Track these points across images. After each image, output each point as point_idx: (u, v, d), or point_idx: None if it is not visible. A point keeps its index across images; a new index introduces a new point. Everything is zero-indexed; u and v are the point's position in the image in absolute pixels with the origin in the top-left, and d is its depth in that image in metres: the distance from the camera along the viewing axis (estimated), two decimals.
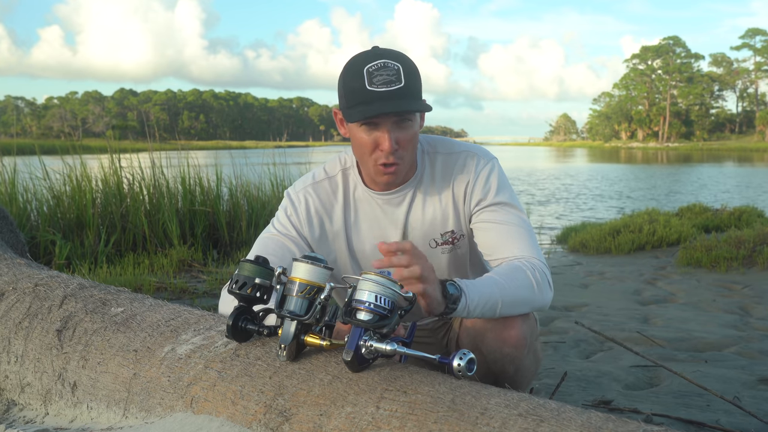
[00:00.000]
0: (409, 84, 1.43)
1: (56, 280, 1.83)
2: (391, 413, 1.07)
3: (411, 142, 1.50)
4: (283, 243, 1.61)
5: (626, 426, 0.97)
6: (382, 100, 1.41)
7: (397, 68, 1.42)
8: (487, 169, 1.60)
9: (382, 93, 1.41)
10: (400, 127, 1.47)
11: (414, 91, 1.44)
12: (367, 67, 1.42)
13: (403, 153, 1.50)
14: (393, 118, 1.45)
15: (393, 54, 1.45)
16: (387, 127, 1.45)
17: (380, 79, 1.41)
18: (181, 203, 5.77)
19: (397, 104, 1.41)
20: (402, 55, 1.47)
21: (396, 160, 1.50)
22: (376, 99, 1.41)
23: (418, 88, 1.46)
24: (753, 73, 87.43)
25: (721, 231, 6.66)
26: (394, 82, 1.41)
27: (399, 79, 1.41)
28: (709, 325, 3.51)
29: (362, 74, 1.42)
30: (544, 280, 1.50)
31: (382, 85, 1.41)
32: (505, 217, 1.57)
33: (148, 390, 1.36)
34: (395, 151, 1.48)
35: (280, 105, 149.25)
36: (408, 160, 1.54)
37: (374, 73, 1.41)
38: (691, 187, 18.01)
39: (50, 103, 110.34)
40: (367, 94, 1.42)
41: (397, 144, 1.47)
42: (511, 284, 1.45)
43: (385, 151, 1.47)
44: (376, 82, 1.41)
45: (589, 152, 66.06)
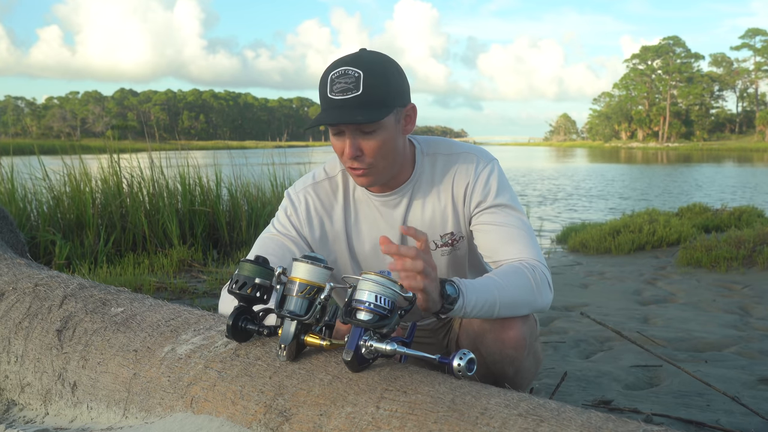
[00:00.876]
0: (369, 92, 1.40)
1: (56, 280, 1.83)
2: (391, 413, 1.07)
3: (378, 149, 1.47)
4: (283, 243, 1.61)
5: (626, 426, 0.97)
6: (335, 108, 1.42)
7: (357, 76, 1.40)
8: (487, 170, 1.59)
9: (336, 101, 1.41)
10: (364, 134, 1.45)
11: (373, 99, 1.41)
12: (331, 74, 1.43)
13: (370, 160, 1.48)
14: (352, 126, 1.44)
15: (361, 59, 1.43)
16: (349, 134, 1.45)
17: (338, 87, 1.41)
18: (180, 203, 5.78)
19: (342, 114, 1.41)
20: (373, 60, 1.44)
21: (361, 166, 1.49)
22: (331, 107, 1.42)
23: (380, 96, 1.42)
24: (753, 73, 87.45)
25: (721, 231, 6.66)
26: (350, 90, 1.40)
27: (356, 87, 1.40)
28: (709, 325, 3.51)
29: (326, 81, 1.43)
30: (544, 281, 1.49)
31: (338, 93, 1.41)
32: (505, 219, 1.56)
33: (148, 390, 1.36)
34: (357, 158, 1.47)
35: (280, 105, 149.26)
36: (381, 167, 1.51)
37: (335, 81, 1.41)
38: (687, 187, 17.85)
39: (50, 103, 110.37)
40: (326, 102, 1.43)
41: (360, 151, 1.46)
42: (510, 285, 1.44)
43: (345, 157, 1.48)
44: (334, 89, 1.41)
45: (588, 152, 66.04)
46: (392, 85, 1.45)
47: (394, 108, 1.46)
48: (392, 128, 1.49)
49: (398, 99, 1.47)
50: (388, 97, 1.44)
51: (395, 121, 1.49)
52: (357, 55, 1.45)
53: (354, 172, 1.52)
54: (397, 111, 1.49)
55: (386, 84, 1.43)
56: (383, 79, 1.43)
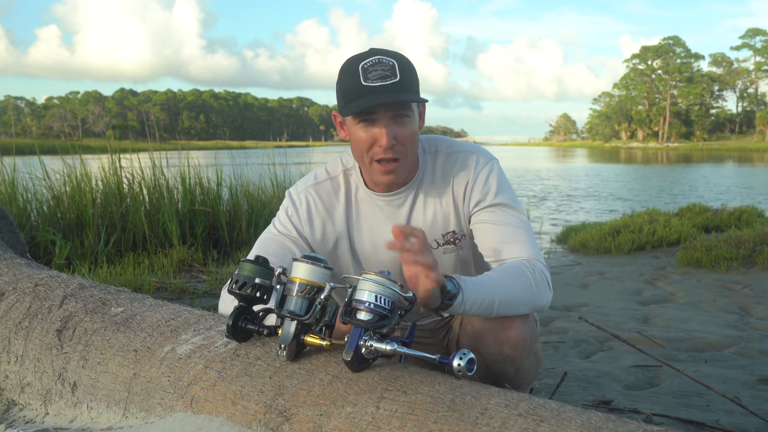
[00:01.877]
0: (405, 79, 1.43)
1: (56, 280, 1.83)
2: (391, 413, 1.07)
3: (410, 139, 1.49)
4: (283, 243, 1.61)
5: (626, 426, 0.97)
6: (377, 93, 1.42)
7: (392, 64, 1.43)
8: (487, 169, 1.60)
9: (377, 87, 1.41)
10: (398, 122, 1.46)
11: (410, 86, 1.45)
12: (362, 64, 1.43)
13: (402, 149, 1.49)
14: (389, 113, 1.45)
15: (388, 52, 1.47)
16: (384, 122, 1.45)
17: (375, 74, 1.42)
18: (181, 203, 5.78)
19: (392, 96, 1.42)
20: (398, 53, 1.48)
21: (395, 155, 1.49)
22: (371, 93, 1.42)
23: (415, 84, 1.47)
24: (753, 73, 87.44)
25: (721, 231, 6.66)
26: (389, 77, 1.42)
27: (394, 74, 1.42)
28: (709, 325, 3.51)
29: (357, 71, 1.43)
30: (543, 280, 1.49)
31: (377, 80, 1.42)
32: (504, 218, 1.56)
33: (148, 390, 1.36)
34: (393, 146, 1.47)
35: (280, 105, 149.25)
36: (409, 159, 1.53)
37: (369, 69, 1.42)
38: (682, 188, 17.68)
39: (50, 103, 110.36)
40: (362, 90, 1.42)
41: (395, 139, 1.47)
42: (509, 284, 1.44)
43: (383, 146, 1.47)
44: (371, 77, 1.42)
45: (588, 152, 65.99)
46: (416, 78, 1.49)
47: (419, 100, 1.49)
48: (417, 120, 1.53)
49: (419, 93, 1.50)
50: (417, 87, 1.48)
51: (418, 115, 1.54)
52: (379, 49, 1.48)
53: (385, 166, 1.50)
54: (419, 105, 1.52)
55: (415, 74, 1.48)
56: (413, 69, 1.48)
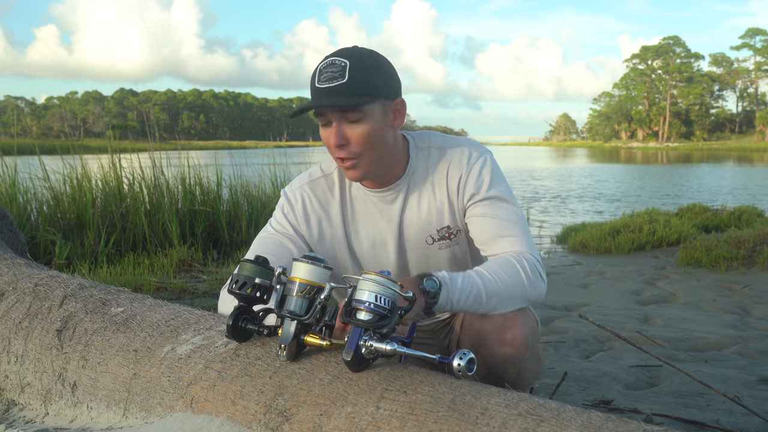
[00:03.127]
0: (354, 80, 1.43)
1: (56, 280, 1.83)
2: (391, 413, 1.07)
3: (363, 139, 1.48)
4: (281, 242, 1.61)
5: (626, 426, 0.97)
6: (320, 96, 1.45)
7: (344, 65, 1.43)
8: (480, 162, 1.60)
9: (321, 89, 1.44)
10: (349, 122, 1.47)
11: (357, 88, 1.43)
12: (319, 66, 1.47)
13: (357, 150, 1.49)
14: (337, 114, 1.46)
15: (350, 52, 1.47)
16: (335, 123, 1.48)
17: (325, 75, 1.44)
18: (181, 203, 5.78)
19: (331, 99, 1.44)
20: (362, 53, 1.47)
21: (347, 155, 1.50)
22: (317, 95, 1.45)
23: (365, 85, 1.44)
24: (753, 73, 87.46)
25: (721, 231, 6.66)
26: (336, 79, 1.43)
27: (342, 76, 1.43)
28: (709, 325, 3.51)
29: (315, 72, 1.47)
30: (535, 273, 1.49)
31: (324, 82, 1.44)
32: (498, 211, 1.56)
33: (148, 390, 1.36)
34: (342, 146, 1.49)
35: (280, 105, 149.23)
36: (368, 158, 1.52)
37: (322, 71, 1.45)
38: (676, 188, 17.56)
39: (50, 103, 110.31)
40: (313, 91, 1.47)
41: (345, 140, 1.48)
42: (498, 277, 1.45)
43: (330, 146, 1.50)
44: (321, 78, 1.45)
45: (587, 152, 65.95)
46: (379, 76, 1.47)
47: (380, 98, 1.47)
48: (379, 119, 1.50)
49: (385, 91, 1.49)
50: (373, 87, 1.46)
51: (383, 113, 1.50)
52: (347, 49, 1.49)
53: (342, 164, 1.53)
54: (385, 103, 1.50)
55: (372, 74, 1.46)
56: (369, 70, 1.46)
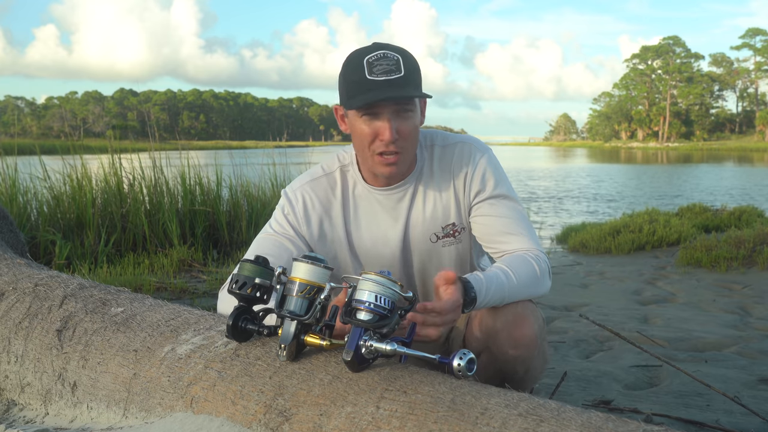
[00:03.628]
0: (409, 74, 1.44)
1: (56, 280, 1.83)
2: (391, 413, 1.07)
3: (412, 133, 1.51)
4: (280, 243, 1.61)
5: (626, 426, 0.97)
6: (381, 88, 1.43)
7: (397, 59, 1.44)
8: (484, 159, 1.62)
9: (382, 82, 1.42)
10: (401, 116, 1.48)
11: (414, 81, 1.46)
12: (366, 58, 1.44)
13: (404, 144, 1.50)
14: (393, 107, 1.46)
15: (393, 47, 1.48)
16: (387, 116, 1.46)
17: (380, 68, 1.43)
18: (181, 203, 5.78)
19: (397, 91, 1.43)
20: (402, 48, 1.49)
21: (397, 149, 1.50)
22: (375, 87, 1.43)
23: (418, 79, 1.48)
24: (753, 73, 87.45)
25: (721, 231, 6.66)
26: (393, 72, 1.43)
27: (399, 69, 1.43)
28: (709, 325, 3.51)
29: (362, 65, 1.44)
30: (545, 271, 1.56)
31: (382, 74, 1.43)
32: (504, 210, 1.60)
33: (148, 390, 1.36)
34: (395, 141, 1.48)
35: (280, 105, 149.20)
36: (409, 153, 1.55)
37: (374, 63, 1.43)
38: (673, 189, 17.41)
39: (50, 103, 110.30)
40: (367, 84, 1.43)
41: (398, 134, 1.48)
42: (520, 278, 1.50)
43: (385, 140, 1.48)
44: (376, 71, 1.43)
45: (587, 152, 65.90)
46: (420, 73, 1.50)
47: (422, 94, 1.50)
48: (419, 115, 1.54)
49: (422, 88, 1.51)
50: (420, 82, 1.49)
51: (420, 110, 1.55)
52: (383, 44, 1.48)
53: (386, 159, 1.51)
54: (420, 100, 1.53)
55: (418, 69, 1.49)
56: (417, 65, 1.49)
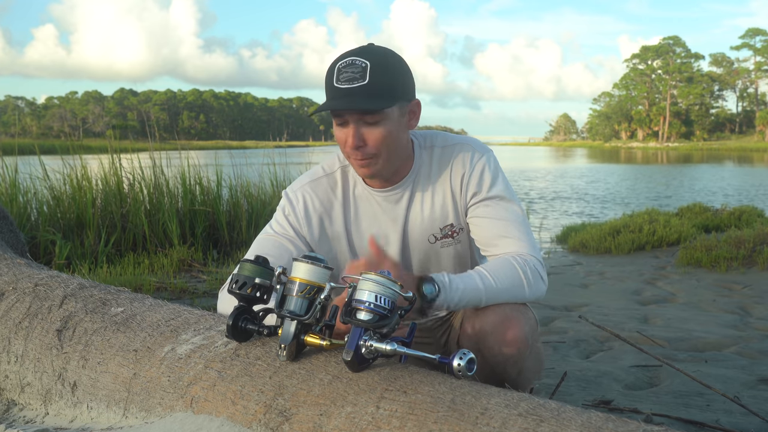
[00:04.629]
0: (374, 82, 1.42)
1: (56, 280, 1.83)
2: (391, 413, 1.07)
3: (381, 141, 1.49)
4: (281, 243, 1.61)
5: (626, 426, 0.97)
6: (341, 97, 1.44)
7: (364, 66, 1.43)
8: (483, 161, 1.61)
9: (342, 90, 1.43)
10: (367, 123, 1.47)
11: (378, 89, 1.43)
12: (337, 65, 1.45)
13: (374, 150, 1.50)
14: (357, 115, 1.46)
15: (369, 51, 1.46)
16: (352, 124, 1.47)
17: (345, 76, 1.43)
18: (181, 203, 5.78)
19: (350, 101, 1.43)
20: (381, 53, 1.47)
21: (365, 156, 1.50)
22: (337, 95, 1.44)
23: (386, 87, 1.45)
24: (753, 73, 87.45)
25: (721, 231, 6.66)
26: (357, 80, 1.42)
27: (363, 77, 1.42)
28: (709, 325, 3.51)
29: (333, 70, 1.45)
30: (535, 274, 1.51)
31: (345, 82, 1.43)
32: (500, 212, 1.58)
33: (148, 390, 1.37)
34: (360, 148, 1.48)
35: (280, 105, 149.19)
36: (386, 158, 1.53)
37: (342, 70, 1.44)
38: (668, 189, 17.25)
39: (50, 103, 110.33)
40: (332, 91, 1.45)
41: (362, 141, 1.48)
42: (498, 279, 1.47)
43: (349, 147, 1.49)
44: (341, 78, 1.43)
45: (587, 152, 65.83)
46: (398, 79, 1.47)
47: (399, 101, 1.48)
48: (396, 121, 1.51)
49: (403, 93, 1.49)
50: (393, 89, 1.46)
51: (399, 115, 1.51)
52: (365, 48, 1.48)
53: (359, 163, 1.53)
54: (402, 105, 1.51)
55: (392, 76, 1.46)
56: (390, 72, 1.46)
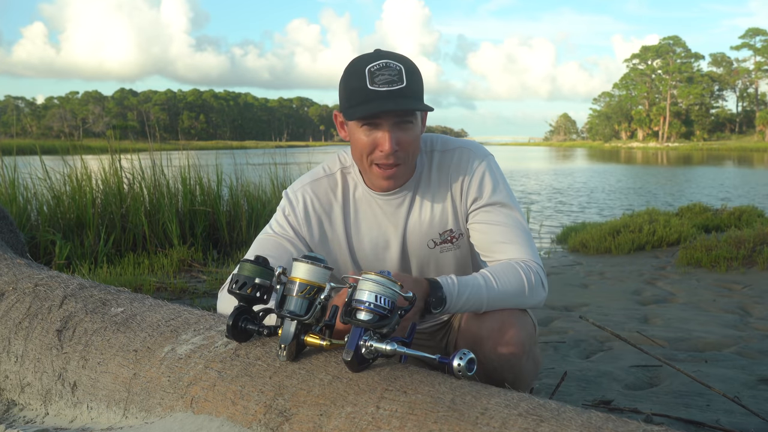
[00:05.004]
0: (411, 84, 1.43)
1: (56, 280, 1.83)
2: (391, 413, 1.07)
3: (412, 144, 1.50)
4: (280, 244, 1.61)
5: (626, 426, 0.97)
6: (383, 99, 1.41)
7: (399, 69, 1.43)
8: (483, 166, 1.61)
9: (383, 92, 1.41)
10: (401, 128, 1.46)
11: (416, 92, 1.45)
12: (368, 67, 1.43)
13: (404, 155, 1.50)
14: (393, 119, 1.45)
15: (395, 56, 1.46)
16: (387, 128, 1.45)
17: (382, 78, 1.41)
18: (181, 203, 5.78)
19: (398, 103, 1.42)
20: (404, 57, 1.48)
21: (396, 161, 1.49)
22: (377, 98, 1.41)
23: (420, 90, 1.47)
24: (753, 72, 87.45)
25: (721, 231, 6.66)
26: (395, 82, 1.41)
27: (401, 79, 1.42)
28: (709, 325, 3.51)
29: (364, 74, 1.42)
30: (537, 281, 1.51)
31: (383, 85, 1.41)
32: (501, 218, 1.57)
33: (148, 390, 1.37)
34: (395, 152, 1.48)
35: (280, 105, 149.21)
36: (409, 164, 1.54)
37: (376, 73, 1.42)
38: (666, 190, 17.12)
39: (50, 103, 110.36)
40: (368, 93, 1.42)
41: (398, 145, 1.47)
42: (501, 284, 1.47)
43: (385, 152, 1.47)
44: (377, 81, 1.41)
45: (586, 152, 65.75)
46: (422, 83, 1.49)
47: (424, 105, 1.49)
48: (420, 125, 1.53)
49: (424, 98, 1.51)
50: (422, 92, 1.48)
51: (422, 119, 1.54)
52: (385, 52, 1.48)
53: (384, 171, 1.51)
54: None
55: (420, 79, 1.48)
56: (419, 74, 1.48)
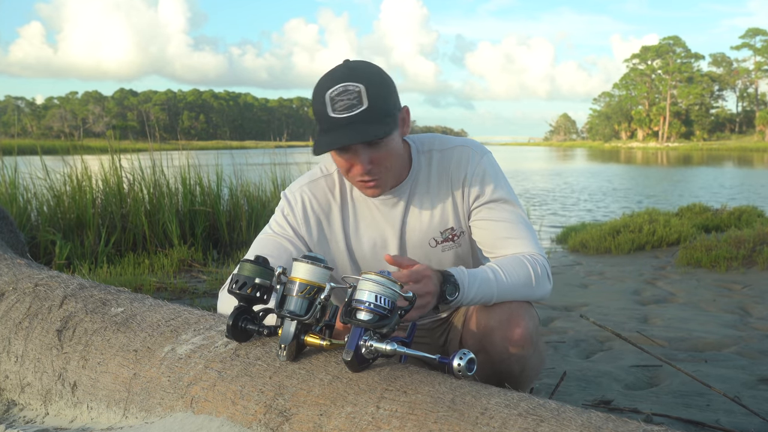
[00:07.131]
0: (373, 105, 1.40)
1: (56, 280, 1.83)
2: (391, 413, 1.07)
3: (387, 158, 1.49)
4: (280, 244, 1.61)
5: (626, 426, 0.97)
6: (342, 127, 1.40)
7: (359, 90, 1.39)
8: (483, 163, 1.61)
9: (341, 120, 1.40)
10: (371, 146, 1.45)
11: (378, 112, 1.41)
12: (328, 92, 1.41)
13: (380, 169, 1.49)
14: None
15: (357, 73, 1.42)
16: (357, 151, 1.45)
17: (341, 104, 1.40)
18: (181, 203, 5.78)
19: (357, 130, 1.40)
20: (368, 71, 1.44)
21: (374, 177, 1.50)
22: (337, 127, 1.40)
23: (385, 106, 1.43)
24: (753, 73, 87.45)
25: (721, 231, 6.66)
26: (355, 106, 1.39)
27: (360, 102, 1.39)
28: (709, 325, 3.51)
29: (325, 100, 1.41)
30: (544, 274, 1.54)
31: (343, 111, 1.39)
32: (504, 214, 1.59)
33: (148, 390, 1.37)
34: (369, 170, 1.48)
35: (280, 105, 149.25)
36: (392, 172, 1.54)
37: (335, 99, 1.40)
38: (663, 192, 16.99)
39: (50, 103, 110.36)
40: (329, 122, 1.41)
41: (371, 163, 1.47)
42: (511, 278, 1.49)
43: (359, 172, 1.48)
44: (337, 108, 1.40)
45: (586, 152, 65.72)
46: (391, 93, 1.46)
47: (395, 116, 1.47)
48: (396, 136, 1.50)
49: (395, 106, 1.48)
50: (390, 106, 1.45)
51: (397, 129, 1.50)
52: (348, 69, 1.44)
53: (366, 185, 1.52)
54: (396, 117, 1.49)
55: (386, 93, 1.44)
56: (383, 89, 1.43)
